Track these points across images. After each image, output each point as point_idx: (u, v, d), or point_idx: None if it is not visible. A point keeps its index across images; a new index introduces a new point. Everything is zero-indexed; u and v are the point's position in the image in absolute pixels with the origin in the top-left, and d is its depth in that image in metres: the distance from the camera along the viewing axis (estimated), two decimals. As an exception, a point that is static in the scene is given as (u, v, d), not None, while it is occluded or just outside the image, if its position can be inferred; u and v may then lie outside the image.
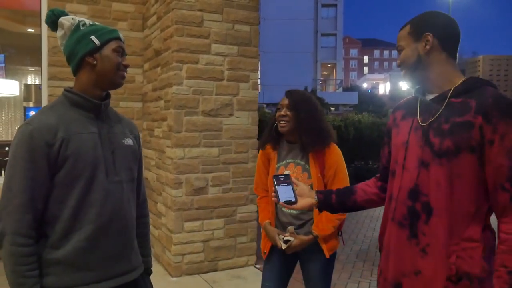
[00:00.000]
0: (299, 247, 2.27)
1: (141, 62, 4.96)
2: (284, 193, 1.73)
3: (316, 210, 2.26)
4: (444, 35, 1.47)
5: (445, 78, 1.47)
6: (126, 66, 1.61)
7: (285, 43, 33.11)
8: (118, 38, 1.60)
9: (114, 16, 4.80)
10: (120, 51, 1.59)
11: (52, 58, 4.53)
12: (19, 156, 1.42)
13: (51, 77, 4.53)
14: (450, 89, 1.44)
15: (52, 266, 1.47)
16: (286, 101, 2.31)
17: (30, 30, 6.53)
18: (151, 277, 1.87)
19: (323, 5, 39.16)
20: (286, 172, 2.32)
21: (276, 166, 2.38)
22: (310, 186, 2.20)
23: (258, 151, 2.54)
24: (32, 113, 7.04)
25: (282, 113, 2.29)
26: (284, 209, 2.35)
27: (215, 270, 4.27)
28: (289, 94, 2.34)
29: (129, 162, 1.67)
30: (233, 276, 4.17)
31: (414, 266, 1.45)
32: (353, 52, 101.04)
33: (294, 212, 2.32)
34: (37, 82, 7.83)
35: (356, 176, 10.94)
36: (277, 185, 1.75)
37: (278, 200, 1.72)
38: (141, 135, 5.01)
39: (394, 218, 1.53)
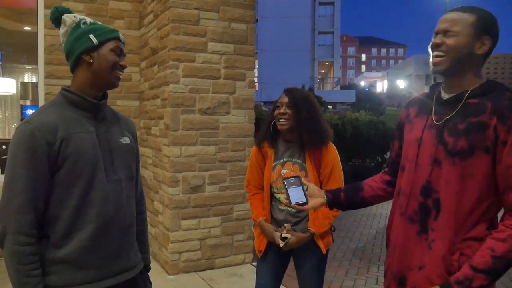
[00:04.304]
0: (296, 245, 2.27)
1: (138, 60, 4.96)
2: (295, 194, 1.75)
3: None
4: (495, 44, 1.46)
5: (472, 79, 1.46)
6: (123, 67, 1.61)
7: (283, 41, 33.12)
8: (118, 38, 1.60)
9: (111, 14, 4.80)
10: (118, 52, 1.59)
11: (49, 56, 4.52)
12: (20, 155, 1.42)
13: (48, 75, 4.52)
14: (468, 90, 1.44)
15: (54, 265, 1.48)
16: (285, 99, 2.29)
17: (27, 28, 6.53)
18: (149, 274, 1.88)
19: (321, 3, 39.15)
20: (283, 171, 2.32)
21: (273, 164, 2.37)
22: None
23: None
24: (29, 111, 7.04)
25: (282, 111, 2.27)
26: (280, 207, 2.36)
27: (212, 268, 4.29)
28: (289, 92, 2.32)
29: (127, 161, 1.67)
30: (230, 274, 4.19)
31: (420, 260, 1.48)
32: (351, 50, 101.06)
33: (292, 210, 2.32)
34: (34, 80, 7.82)
35: (353, 174, 10.95)
36: (288, 188, 1.76)
37: (290, 202, 1.73)
38: (138, 133, 5.01)
39: (405, 213, 1.55)
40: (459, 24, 1.43)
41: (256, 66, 31.04)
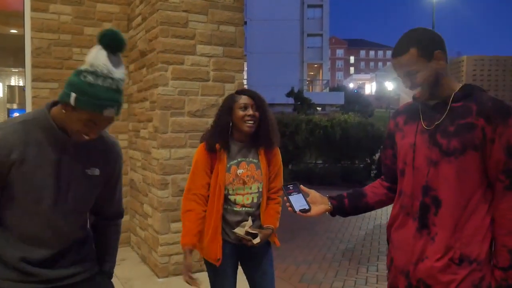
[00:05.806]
0: (262, 241, 2.25)
1: (127, 63, 4.94)
2: (297, 201, 1.73)
3: (263, 205, 2.35)
4: (445, 48, 1.61)
5: (448, 85, 1.61)
6: (86, 135, 1.46)
7: (272, 43, 33.16)
8: (100, 112, 1.40)
9: (99, 17, 4.78)
10: (90, 125, 1.43)
11: (36, 60, 4.49)
12: None
13: (35, 79, 4.49)
14: (450, 95, 1.59)
15: None
16: (251, 101, 2.28)
17: (13, 31, 6.46)
18: (138, 277, 1.88)
19: (309, 6, 39.32)
20: (239, 171, 2.30)
21: (227, 165, 2.31)
22: (260, 184, 2.33)
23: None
24: (16, 115, 6.96)
25: (251, 112, 2.25)
26: (235, 208, 2.30)
27: (202, 270, 4.27)
28: (251, 93, 2.34)
29: (85, 194, 1.61)
30: (220, 276, 4.17)
31: (422, 253, 1.60)
32: (339, 52, 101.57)
33: (250, 209, 2.32)
34: (21, 84, 7.74)
35: (343, 176, 11.01)
36: (289, 195, 1.74)
37: (294, 210, 1.71)
38: (126, 136, 5.00)
39: (409, 213, 1.67)
40: (412, 64, 1.58)
41: (245, 69, 31.07)
